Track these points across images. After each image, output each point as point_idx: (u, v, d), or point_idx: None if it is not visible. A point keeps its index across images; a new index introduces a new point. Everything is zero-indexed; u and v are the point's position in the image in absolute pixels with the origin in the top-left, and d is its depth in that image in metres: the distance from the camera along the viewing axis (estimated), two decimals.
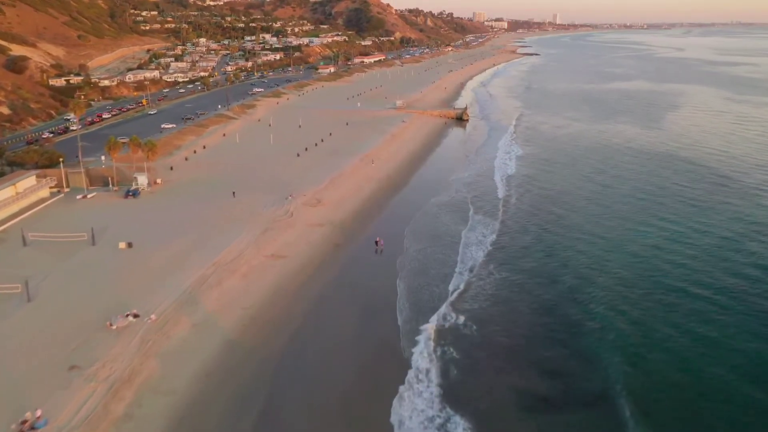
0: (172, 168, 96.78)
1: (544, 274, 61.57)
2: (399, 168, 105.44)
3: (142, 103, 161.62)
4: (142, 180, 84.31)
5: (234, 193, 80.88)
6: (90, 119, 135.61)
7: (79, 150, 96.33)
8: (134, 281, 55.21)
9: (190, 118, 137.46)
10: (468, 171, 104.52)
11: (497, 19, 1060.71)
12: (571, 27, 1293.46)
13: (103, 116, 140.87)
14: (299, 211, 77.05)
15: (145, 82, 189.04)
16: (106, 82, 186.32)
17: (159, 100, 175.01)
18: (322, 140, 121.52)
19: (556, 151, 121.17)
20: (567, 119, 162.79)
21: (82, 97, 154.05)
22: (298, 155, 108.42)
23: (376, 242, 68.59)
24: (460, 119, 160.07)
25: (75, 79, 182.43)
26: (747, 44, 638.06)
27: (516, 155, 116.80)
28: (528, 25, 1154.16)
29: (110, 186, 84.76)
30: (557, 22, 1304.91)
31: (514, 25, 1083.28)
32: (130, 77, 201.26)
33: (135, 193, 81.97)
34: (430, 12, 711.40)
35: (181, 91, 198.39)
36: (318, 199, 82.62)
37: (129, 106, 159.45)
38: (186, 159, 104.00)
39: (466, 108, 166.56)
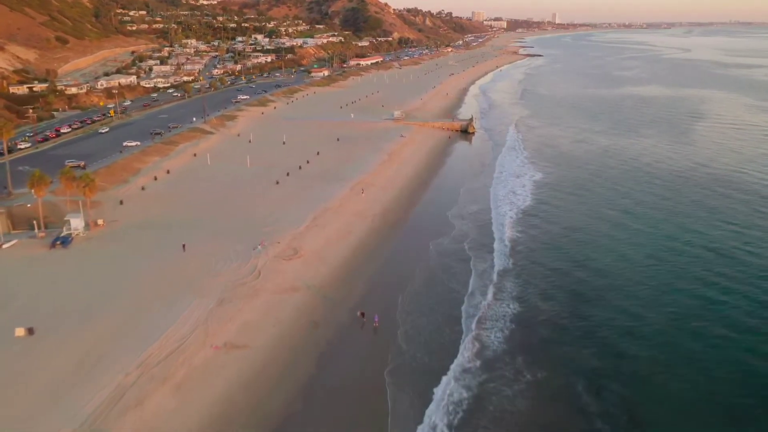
0: (122, 202, 79.93)
1: (570, 366, 46.61)
2: (396, 199, 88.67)
3: (109, 113, 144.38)
4: (76, 223, 67.19)
5: (184, 246, 63.50)
6: (43, 135, 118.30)
7: (8, 180, 79.92)
8: (16, 403, 38.61)
9: (158, 134, 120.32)
10: (474, 204, 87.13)
11: (496, 19, 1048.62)
12: (570, 26, 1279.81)
13: (61, 131, 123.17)
14: (269, 267, 60.43)
15: (114, 91, 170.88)
16: (74, 90, 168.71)
17: (144, 106, 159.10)
18: (308, 162, 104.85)
19: (572, 176, 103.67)
20: (581, 132, 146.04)
21: (31, 110, 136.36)
22: (278, 183, 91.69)
23: (362, 314, 52.47)
24: (466, 132, 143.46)
25: (39, 87, 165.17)
26: (752, 44, 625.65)
27: (529, 180, 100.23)
28: (527, 25, 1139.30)
29: (36, 230, 67.79)
30: (556, 22, 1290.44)
31: (513, 25, 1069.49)
32: (102, 83, 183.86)
33: (65, 241, 64.73)
34: (429, 11, 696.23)
35: (175, 94, 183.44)
36: (295, 248, 65.95)
37: (96, 117, 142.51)
38: (143, 188, 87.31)
39: (471, 119, 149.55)
